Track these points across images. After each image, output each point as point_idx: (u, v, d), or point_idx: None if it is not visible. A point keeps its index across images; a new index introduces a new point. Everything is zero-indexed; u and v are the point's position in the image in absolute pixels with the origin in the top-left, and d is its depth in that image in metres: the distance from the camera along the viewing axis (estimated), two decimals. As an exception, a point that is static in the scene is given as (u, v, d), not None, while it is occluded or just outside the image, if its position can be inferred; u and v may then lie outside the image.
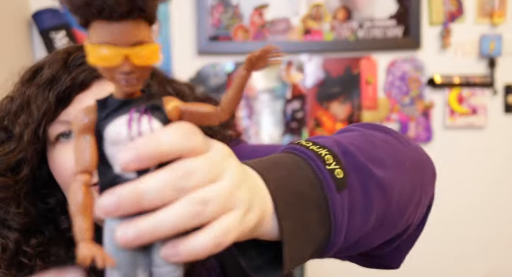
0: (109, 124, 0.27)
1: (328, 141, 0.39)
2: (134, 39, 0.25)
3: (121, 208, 0.25)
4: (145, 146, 0.25)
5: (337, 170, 0.36)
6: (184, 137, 0.26)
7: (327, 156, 0.37)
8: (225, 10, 1.45)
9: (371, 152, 0.41)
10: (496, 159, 1.56)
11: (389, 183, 0.40)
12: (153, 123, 0.27)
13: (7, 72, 0.61)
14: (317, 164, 0.36)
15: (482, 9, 1.52)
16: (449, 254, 1.56)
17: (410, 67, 1.51)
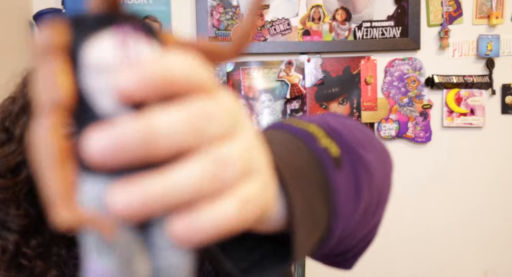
0: (90, 44, 0.19)
1: (314, 119, 0.36)
2: None
3: (122, 154, 0.17)
4: (152, 68, 0.18)
5: (331, 148, 0.32)
6: (196, 68, 0.19)
7: (320, 133, 0.33)
8: (225, 10, 1.46)
9: (352, 136, 0.37)
10: (494, 159, 1.57)
11: (373, 167, 0.36)
12: (153, 46, 0.20)
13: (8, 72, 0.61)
14: (308, 141, 0.32)
15: (479, 10, 1.53)
16: (447, 254, 1.57)
17: (408, 67, 1.52)
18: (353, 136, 0.37)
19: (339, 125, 0.38)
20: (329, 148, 0.32)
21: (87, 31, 0.19)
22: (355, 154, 0.34)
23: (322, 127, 0.34)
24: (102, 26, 0.19)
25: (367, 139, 0.40)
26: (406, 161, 1.54)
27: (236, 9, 1.47)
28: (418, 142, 1.53)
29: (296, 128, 0.33)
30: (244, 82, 1.49)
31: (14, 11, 1.28)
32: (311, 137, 0.32)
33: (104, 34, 0.19)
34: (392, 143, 1.54)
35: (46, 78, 0.18)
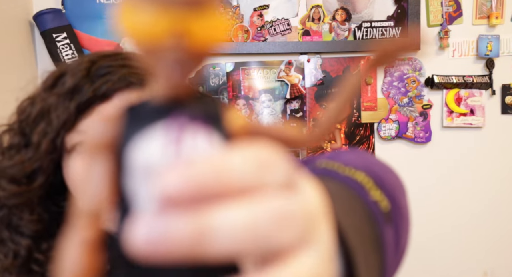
0: (139, 141, 0.16)
1: (357, 161, 0.34)
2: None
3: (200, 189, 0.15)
4: (204, 169, 0.15)
5: (382, 202, 0.31)
6: (265, 167, 0.16)
7: (369, 183, 0.32)
8: (224, 11, 1.46)
9: (388, 177, 0.36)
10: (494, 159, 1.57)
11: (406, 211, 0.35)
12: (213, 140, 0.17)
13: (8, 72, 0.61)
14: (361, 195, 0.31)
15: (479, 10, 1.53)
16: (447, 254, 1.57)
17: (408, 67, 1.52)
18: (390, 180, 0.35)
19: (377, 168, 0.36)
20: (379, 201, 0.31)
21: (139, 125, 0.16)
22: (396, 203, 0.33)
23: (369, 176, 0.33)
24: (157, 118, 0.16)
25: (395, 179, 0.39)
26: (406, 161, 1.54)
27: (236, 9, 1.47)
28: (418, 142, 1.53)
29: (344, 177, 0.31)
30: (244, 82, 1.49)
31: (14, 11, 1.28)
32: (362, 189, 0.31)
33: (156, 130, 0.16)
34: (392, 143, 1.54)
35: (89, 182, 0.17)
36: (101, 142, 0.17)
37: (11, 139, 0.55)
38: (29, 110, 0.54)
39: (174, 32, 0.15)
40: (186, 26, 0.15)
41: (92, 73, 0.52)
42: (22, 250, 0.53)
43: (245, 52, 1.47)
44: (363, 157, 0.40)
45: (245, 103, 1.49)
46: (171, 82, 0.16)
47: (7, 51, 1.21)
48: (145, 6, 0.15)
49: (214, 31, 0.15)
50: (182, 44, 0.15)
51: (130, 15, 0.15)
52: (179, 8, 0.15)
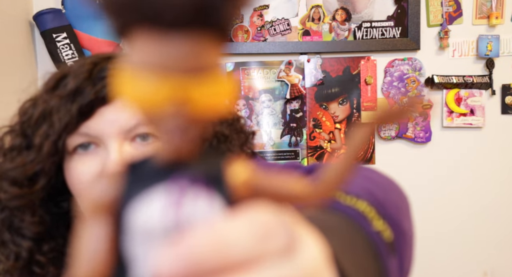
0: (139, 203, 0.16)
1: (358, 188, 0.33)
2: (197, 63, 0.15)
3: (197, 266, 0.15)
4: (202, 245, 0.15)
5: (385, 232, 0.31)
6: (263, 238, 0.16)
7: (371, 213, 0.31)
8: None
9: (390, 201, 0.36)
10: (494, 159, 1.57)
11: (410, 235, 0.35)
12: (214, 204, 0.17)
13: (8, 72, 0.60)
14: (363, 226, 0.30)
15: (479, 10, 1.53)
16: (447, 254, 1.57)
17: (408, 67, 1.52)
18: (393, 204, 0.35)
19: (379, 193, 0.35)
20: (382, 232, 0.31)
21: (140, 186, 0.16)
22: (399, 229, 0.33)
23: (371, 204, 0.32)
24: (158, 179, 0.16)
25: (399, 199, 0.38)
26: (406, 162, 1.54)
27: (236, 9, 1.47)
28: (418, 142, 1.54)
29: (346, 207, 0.31)
30: (244, 82, 1.49)
31: (14, 11, 1.28)
32: (364, 219, 0.30)
33: (157, 192, 0.16)
34: (392, 144, 1.54)
35: (84, 243, 0.16)
36: (102, 203, 0.16)
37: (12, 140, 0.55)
38: (31, 112, 0.54)
39: (175, 100, 0.15)
40: (187, 93, 0.15)
41: (94, 75, 0.52)
42: (24, 252, 0.53)
43: (245, 52, 1.47)
44: (364, 178, 0.38)
45: (245, 103, 1.49)
46: (173, 147, 0.16)
47: (7, 51, 1.21)
48: (145, 74, 0.15)
49: (215, 97, 0.15)
50: (183, 111, 0.15)
51: (131, 83, 0.15)
52: (179, 76, 0.15)
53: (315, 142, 1.52)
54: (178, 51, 0.14)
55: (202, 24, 0.14)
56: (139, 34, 0.14)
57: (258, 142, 1.49)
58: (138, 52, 0.15)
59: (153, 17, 0.14)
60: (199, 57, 0.15)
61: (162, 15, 0.14)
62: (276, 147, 1.50)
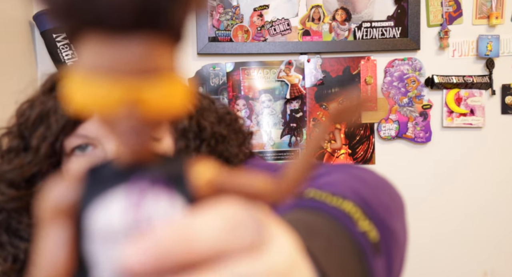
0: (99, 205, 0.16)
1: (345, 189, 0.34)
2: (148, 65, 0.15)
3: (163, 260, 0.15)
4: (168, 239, 0.15)
5: (371, 232, 0.31)
6: (230, 231, 0.16)
7: (357, 214, 0.31)
8: (225, 11, 1.46)
9: (379, 201, 0.36)
10: (494, 159, 1.57)
11: (400, 239, 0.35)
12: (175, 203, 0.17)
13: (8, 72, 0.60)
14: (348, 226, 0.30)
15: (479, 10, 1.53)
16: (447, 254, 1.57)
17: (408, 67, 1.52)
18: (382, 204, 0.35)
19: (368, 193, 0.36)
20: (368, 232, 0.31)
21: (99, 188, 0.16)
22: (388, 230, 0.33)
23: (357, 205, 0.32)
24: (118, 181, 0.16)
25: (390, 200, 0.38)
26: (405, 162, 1.54)
27: (236, 9, 1.47)
28: (418, 142, 1.53)
29: (331, 208, 0.31)
30: (244, 82, 1.49)
31: (14, 11, 1.28)
32: (349, 220, 0.31)
33: (117, 193, 0.16)
34: (392, 144, 1.54)
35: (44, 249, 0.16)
36: (60, 207, 0.16)
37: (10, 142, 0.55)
38: (28, 113, 0.54)
39: (127, 102, 0.15)
40: (139, 95, 0.15)
41: None
42: (21, 254, 0.53)
43: (245, 52, 1.47)
44: (352, 179, 0.38)
45: (245, 103, 1.49)
46: (129, 149, 0.16)
47: (7, 51, 1.21)
48: (96, 78, 0.14)
49: (168, 98, 0.15)
50: (136, 113, 0.15)
51: (82, 87, 0.15)
52: (130, 78, 0.15)
53: (315, 142, 1.51)
54: (128, 54, 0.14)
55: (149, 26, 0.14)
56: (88, 37, 0.14)
57: (258, 142, 1.49)
58: (88, 55, 0.15)
59: (97, 21, 0.14)
60: (149, 59, 0.15)
61: (105, 19, 0.14)
62: (276, 147, 1.50)
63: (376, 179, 0.42)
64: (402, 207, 0.41)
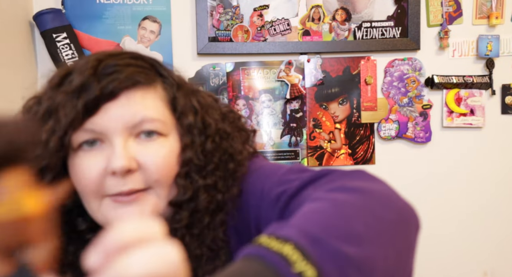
0: None
1: (293, 231, 0.35)
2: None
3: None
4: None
5: (308, 271, 0.32)
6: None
7: (294, 255, 0.32)
8: (225, 11, 1.46)
9: (345, 230, 0.36)
10: (494, 159, 1.57)
11: (370, 262, 0.35)
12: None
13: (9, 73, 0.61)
14: (281, 269, 0.31)
15: (479, 10, 1.53)
16: (447, 254, 1.57)
17: (408, 67, 1.52)
18: (344, 233, 0.36)
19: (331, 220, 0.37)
20: (304, 272, 0.32)
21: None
22: (342, 259, 0.34)
23: (299, 243, 0.33)
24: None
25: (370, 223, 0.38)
26: (406, 162, 1.54)
27: (236, 9, 1.47)
28: (418, 142, 1.53)
29: (271, 253, 0.33)
30: (244, 82, 1.49)
31: (14, 11, 1.28)
32: (284, 263, 0.32)
33: None
34: (392, 143, 1.54)
35: None
36: None
37: None
38: (36, 109, 0.54)
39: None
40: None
41: (99, 72, 0.53)
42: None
43: (245, 52, 1.47)
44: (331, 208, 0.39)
45: (245, 103, 1.49)
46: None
47: (7, 51, 1.21)
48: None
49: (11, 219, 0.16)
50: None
51: None
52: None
53: (315, 142, 1.52)
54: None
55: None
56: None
57: (258, 142, 1.49)
58: None
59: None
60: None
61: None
62: (276, 147, 1.50)
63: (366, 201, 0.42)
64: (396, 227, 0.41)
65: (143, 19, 1.42)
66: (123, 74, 0.53)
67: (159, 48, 1.43)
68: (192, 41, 1.47)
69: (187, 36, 1.47)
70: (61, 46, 1.33)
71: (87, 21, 1.39)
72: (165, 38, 1.44)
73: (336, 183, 0.47)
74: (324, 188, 0.46)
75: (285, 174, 0.55)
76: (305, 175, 0.52)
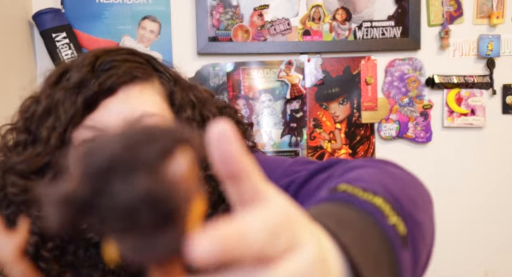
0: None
1: (375, 185, 0.36)
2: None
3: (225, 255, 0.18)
4: (230, 238, 0.18)
5: (399, 226, 0.33)
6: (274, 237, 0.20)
7: (386, 208, 0.33)
8: (225, 10, 1.46)
9: (409, 196, 0.38)
10: (495, 159, 1.57)
11: (428, 231, 0.37)
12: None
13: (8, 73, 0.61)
14: (379, 220, 0.32)
15: (480, 10, 1.53)
16: (447, 254, 1.56)
17: (409, 67, 1.52)
18: (410, 199, 0.37)
19: (397, 187, 0.38)
20: (397, 225, 0.33)
21: None
22: (415, 223, 0.35)
23: (387, 200, 0.34)
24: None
25: (417, 194, 0.40)
26: (406, 162, 1.52)
27: (236, 9, 1.46)
28: (418, 142, 1.53)
29: (363, 202, 0.33)
30: (244, 82, 1.48)
31: (13, 11, 1.28)
32: (380, 214, 0.33)
33: None
34: (392, 144, 1.53)
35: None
36: None
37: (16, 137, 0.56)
38: (34, 108, 0.55)
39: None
40: None
41: (96, 68, 0.53)
42: (30, 247, 0.53)
43: (245, 52, 1.46)
44: (382, 173, 0.40)
45: (245, 103, 1.49)
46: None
47: (7, 51, 1.20)
48: None
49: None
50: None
51: None
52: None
53: (316, 142, 1.51)
54: None
55: None
56: None
57: (258, 142, 1.48)
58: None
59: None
60: None
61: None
62: (276, 147, 1.50)
63: (405, 175, 0.44)
64: (429, 202, 0.43)
65: (142, 19, 1.42)
66: (121, 69, 0.54)
67: (159, 48, 1.43)
68: (192, 41, 1.46)
69: (187, 36, 1.46)
70: (61, 46, 1.32)
71: (86, 21, 1.39)
72: (165, 38, 1.44)
73: (357, 162, 0.47)
74: (359, 161, 0.47)
75: (291, 165, 0.55)
76: (312, 166, 0.52)
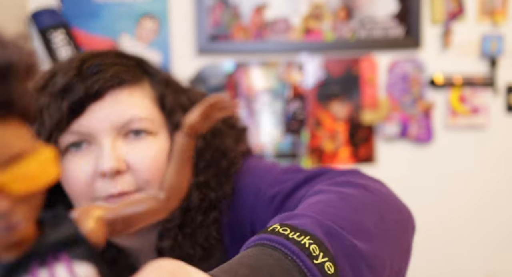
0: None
1: (308, 222, 0.34)
2: (6, 152, 0.15)
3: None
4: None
5: (327, 263, 0.31)
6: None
7: (312, 246, 0.32)
8: (225, 9, 1.45)
9: (356, 224, 0.36)
10: (498, 159, 1.55)
11: (380, 260, 0.36)
12: (78, 272, 0.17)
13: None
14: (302, 260, 0.31)
15: (483, 9, 1.51)
16: (448, 256, 1.55)
17: (411, 67, 1.50)
18: (355, 227, 0.36)
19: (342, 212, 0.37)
20: (322, 263, 0.32)
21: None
22: (356, 254, 0.34)
23: (316, 235, 0.33)
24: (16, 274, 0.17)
25: (376, 220, 0.39)
26: (408, 161, 1.52)
27: (236, 7, 1.45)
28: (420, 142, 1.52)
29: (288, 245, 0.32)
30: (244, 82, 1.47)
31: (11, 9, 1.27)
32: (304, 255, 0.32)
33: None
34: (394, 143, 1.52)
35: None
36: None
37: None
38: None
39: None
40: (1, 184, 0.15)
41: (83, 72, 0.52)
42: None
43: (245, 51, 1.45)
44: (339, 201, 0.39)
45: (245, 103, 1.47)
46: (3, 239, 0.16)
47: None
48: None
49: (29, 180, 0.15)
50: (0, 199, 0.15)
51: None
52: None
53: (316, 142, 1.50)
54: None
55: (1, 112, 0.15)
56: None
57: (258, 142, 1.47)
58: None
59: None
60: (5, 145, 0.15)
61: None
62: (276, 147, 1.49)
63: (374, 199, 0.42)
64: (398, 223, 0.41)
65: (141, 17, 1.41)
66: (108, 73, 0.53)
67: (157, 46, 1.42)
68: (191, 40, 1.45)
69: (186, 34, 1.45)
70: (59, 44, 1.31)
71: (84, 19, 1.38)
72: (163, 36, 1.43)
73: (335, 179, 0.46)
74: (325, 183, 0.46)
75: (280, 174, 0.55)
76: (299, 175, 0.52)
